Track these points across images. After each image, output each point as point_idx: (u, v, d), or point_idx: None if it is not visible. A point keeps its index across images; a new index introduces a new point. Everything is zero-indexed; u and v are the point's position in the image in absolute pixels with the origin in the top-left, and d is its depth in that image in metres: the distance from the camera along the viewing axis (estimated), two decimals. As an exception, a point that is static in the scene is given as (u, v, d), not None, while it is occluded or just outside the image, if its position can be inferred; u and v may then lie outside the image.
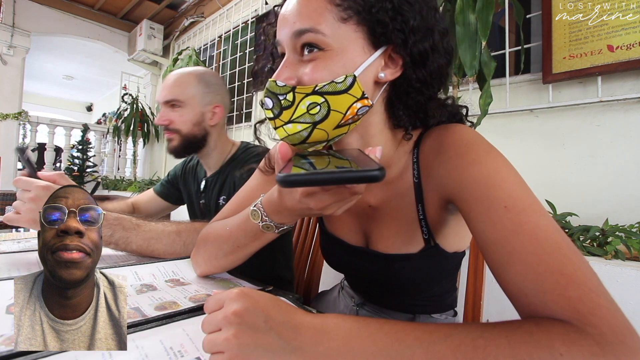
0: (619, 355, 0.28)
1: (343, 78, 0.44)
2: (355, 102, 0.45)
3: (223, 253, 0.57)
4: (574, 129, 1.45)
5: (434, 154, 0.49)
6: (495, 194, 0.39)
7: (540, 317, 0.33)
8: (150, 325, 0.40)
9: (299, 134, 0.45)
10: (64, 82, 7.08)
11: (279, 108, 0.45)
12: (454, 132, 0.48)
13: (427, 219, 0.52)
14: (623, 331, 0.30)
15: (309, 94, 0.44)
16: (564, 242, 0.35)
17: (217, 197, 1.03)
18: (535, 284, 0.34)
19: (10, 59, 4.02)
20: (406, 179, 0.53)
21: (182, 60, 3.39)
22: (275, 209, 0.47)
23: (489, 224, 0.39)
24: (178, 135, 1.02)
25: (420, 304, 0.64)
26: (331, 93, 0.44)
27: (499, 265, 0.38)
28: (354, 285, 0.74)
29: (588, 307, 0.31)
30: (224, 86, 1.11)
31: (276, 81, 0.45)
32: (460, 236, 0.56)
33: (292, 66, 0.46)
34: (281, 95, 0.45)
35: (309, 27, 0.44)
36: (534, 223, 0.36)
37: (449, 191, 0.46)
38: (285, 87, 0.45)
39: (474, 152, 0.44)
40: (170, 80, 1.03)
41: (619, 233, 1.02)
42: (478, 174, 0.42)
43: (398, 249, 0.55)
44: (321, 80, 0.44)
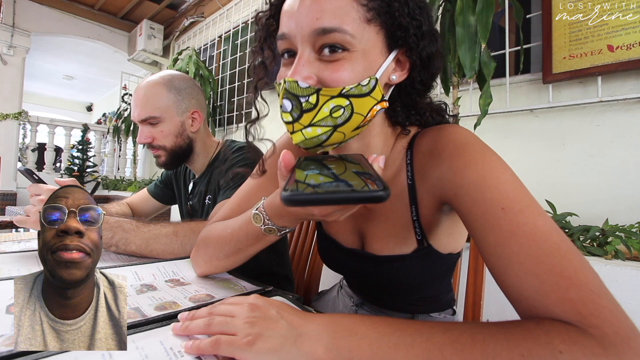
0: (622, 356, 0.28)
1: (367, 81, 0.43)
2: (376, 105, 0.45)
3: (224, 254, 0.57)
4: (574, 129, 1.45)
5: (429, 156, 0.49)
6: (492, 195, 0.39)
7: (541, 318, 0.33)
8: (150, 325, 0.40)
9: (317, 138, 0.43)
10: (64, 82, 7.08)
11: (299, 111, 0.43)
12: (448, 133, 0.48)
13: (420, 220, 0.52)
14: (627, 332, 0.29)
15: (334, 97, 0.42)
16: (563, 242, 0.35)
17: (204, 198, 1.04)
18: (536, 287, 0.34)
19: (10, 59, 4.02)
20: (400, 181, 0.53)
21: (182, 60, 3.39)
22: (277, 213, 0.46)
23: (487, 227, 0.39)
24: (164, 150, 1.00)
25: (417, 304, 0.64)
26: (356, 96, 0.43)
27: (498, 268, 0.38)
28: (352, 285, 0.74)
29: (590, 309, 0.31)
30: (196, 87, 1.05)
31: (297, 82, 0.42)
32: (455, 237, 0.56)
33: (310, 64, 0.43)
34: (303, 97, 0.42)
35: (336, 27, 0.41)
36: (532, 224, 0.36)
37: (444, 193, 0.46)
38: (309, 88, 0.42)
39: (469, 154, 0.44)
40: (140, 95, 0.97)
41: (619, 233, 1.02)
42: (474, 175, 0.42)
43: (392, 250, 0.55)
44: (348, 83, 0.42)
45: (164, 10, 4.34)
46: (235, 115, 3.39)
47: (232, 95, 3.47)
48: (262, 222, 0.48)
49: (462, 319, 0.70)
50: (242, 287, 0.57)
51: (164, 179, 1.24)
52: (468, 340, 0.31)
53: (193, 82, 1.05)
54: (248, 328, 0.34)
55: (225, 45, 3.67)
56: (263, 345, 0.33)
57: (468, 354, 0.30)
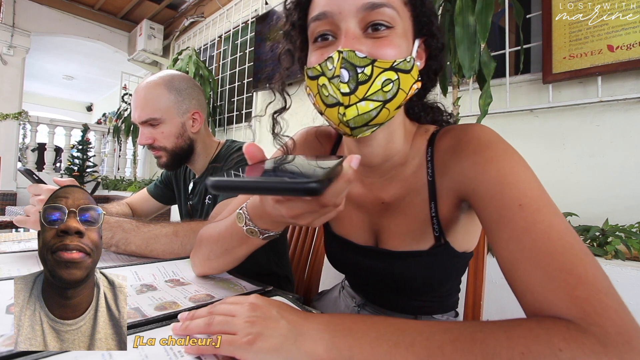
0: (623, 355, 0.28)
1: (410, 58, 0.45)
2: (414, 83, 0.46)
3: (215, 255, 0.56)
4: (574, 129, 1.45)
5: (451, 152, 0.49)
6: (510, 192, 0.40)
7: (544, 315, 0.33)
8: (150, 325, 0.40)
9: (368, 114, 0.43)
10: (64, 82, 7.08)
11: (355, 82, 0.42)
12: (472, 131, 0.49)
13: (439, 217, 0.52)
14: (630, 333, 0.29)
15: (386, 69, 0.42)
16: (577, 243, 0.35)
17: (204, 198, 1.04)
18: (544, 282, 0.34)
19: (10, 59, 4.02)
20: (420, 177, 0.53)
21: (182, 60, 3.39)
22: (257, 214, 0.45)
23: (502, 222, 0.39)
24: (164, 152, 0.99)
25: (423, 305, 0.64)
26: (403, 71, 0.44)
27: (509, 262, 0.38)
28: (358, 286, 0.73)
29: (595, 307, 0.31)
30: (196, 87, 1.04)
31: (355, 52, 0.41)
32: (471, 236, 0.56)
33: (358, 39, 0.43)
34: (360, 67, 0.42)
35: (385, 1, 0.42)
36: (548, 222, 0.36)
37: (464, 189, 0.47)
38: (365, 59, 0.42)
39: (491, 151, 0.44)
40: (141, 97, 0.96)
41: (619, 233, 1.02)
42: (494, 172, 0.42)
43: (408, 245, 0.55)
44: (397, 57, 0.43)
45: (164, 10, 4.34)
46: (235, 115, 3.39)
47: (232, 95, 3.47)
48: (244, 222, 0.47)
49: (462, 319, 0.70)
50: (242, 287, 0.57)
51: (163, 179, 1.24)
52: (468, 339, 0.31)
53: (193, 82, 1.05)
54: (248, 327, 0.34)
55: (225, 45, 3.67)
56: (263, 345, 0.33)
57: (468, 352, 0.30)
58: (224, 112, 3.54)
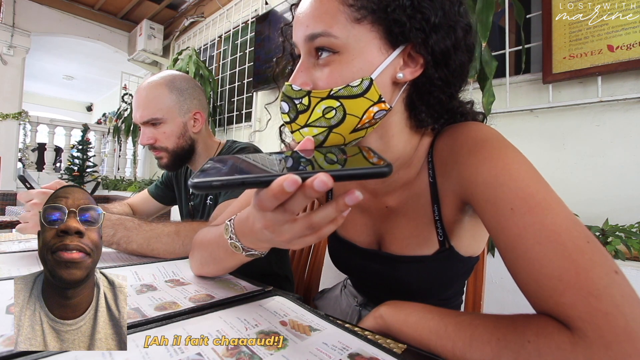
0: (592, 356, 0.29)
1: (359, 82, 0.43)
2: (372, 106, 0.44)
3: (205, 261, 0.56)
4: (574, 129, 1.45)
5: (449, 153, 0.48)
6: (503, 194, 0.39)
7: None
8: (150, 325, 0.40)
9: (316, 138, 0.45)
10: (64, 82, 7.08)
11: (295, 112, 0.45)
12: (468, 129, 0.48)
13: (442, 220, 0.51)
14: (617, 336, 0.29)
15: (324, 98, 0.44)
16: (569, 241, 0.34)
17: (205, 198, 1.04)
18: (536, 292, 0.35)
19: (10, 59, 4.02)
20: (422, 179, 0.52)
21: (182, 60, 3.39)
22: (242, 230, 0.43)
23: (498, 229, 0.39)
24: (166, 152, 0.99)
25: None
26: (347, 97, 0.43)
27: (510, 268, 0.39)
28: (360, 287, 0.73)
29: (579, 313, 0.31)
30: (197, 87, 1.05)
31: (292, 85, 0.45)
32: (476, 240, 0.55)
33: (307, 70, 0.45)
34: (297, 99, 0.45)
35: (321, 31, 0.43)
36: (539, 224, 0.36)
37: (463, 192, 0.46)
38: (300, 91, 0.45)
39: (485, 150, 0.43)
40: (142, 97, 0.96)
41: (619, 233, 1.02)
42: (487, 173, 0.42)
43: (412, 250, 0.54)
44: (336, 85, 0.43)
45: (164, 10, 4.34)
46: (235, 115, 3.39)
47: (232, 95, 3.47)
48: (229, 236, 0.45)
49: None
50: (242, 287, 0.57)
51: (164, 180, 1.24)
52: (466, 322, 0.37)
53: (194, 82, 1.05)
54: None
55: (225, 45, 3.66)
56: None
57: (463, 333, 0.37)
58: (224, 112, 3.54)
